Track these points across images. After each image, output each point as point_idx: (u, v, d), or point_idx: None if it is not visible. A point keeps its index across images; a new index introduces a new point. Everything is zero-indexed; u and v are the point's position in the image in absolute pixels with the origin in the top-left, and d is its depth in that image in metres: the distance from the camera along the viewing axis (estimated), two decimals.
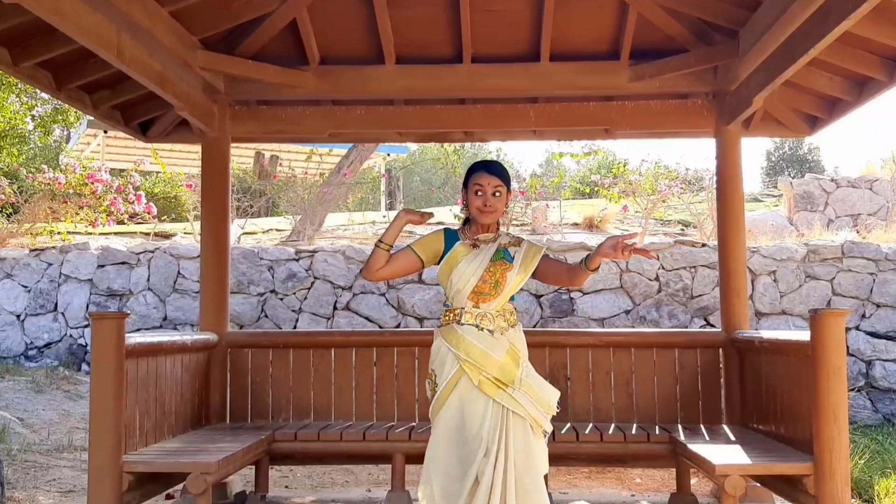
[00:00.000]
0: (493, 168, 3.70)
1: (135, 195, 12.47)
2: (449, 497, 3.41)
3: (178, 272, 9.18)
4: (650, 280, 8.85)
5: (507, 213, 3.85)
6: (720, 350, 5.60)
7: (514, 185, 14.17)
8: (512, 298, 3.71)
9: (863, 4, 3.61)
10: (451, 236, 3.72)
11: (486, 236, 3.71)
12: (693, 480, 5.50)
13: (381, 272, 3.68)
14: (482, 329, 3.58)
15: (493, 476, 3.36)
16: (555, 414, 3.60)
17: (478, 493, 3.35)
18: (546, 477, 3.61)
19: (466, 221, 3.80)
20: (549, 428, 3.59)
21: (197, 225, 11.07)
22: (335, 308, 8.95)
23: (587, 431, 5.16)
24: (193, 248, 9.22)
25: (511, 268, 3.64)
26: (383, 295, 8.95)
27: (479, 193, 3.65)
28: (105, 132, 16.71)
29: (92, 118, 7.45)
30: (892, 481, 5.73)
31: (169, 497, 5.37)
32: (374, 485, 6.16)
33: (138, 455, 4.27)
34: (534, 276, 3.72)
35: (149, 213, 12.72)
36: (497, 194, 3.65)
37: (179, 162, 17.36)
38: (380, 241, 3.64)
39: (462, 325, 3.59)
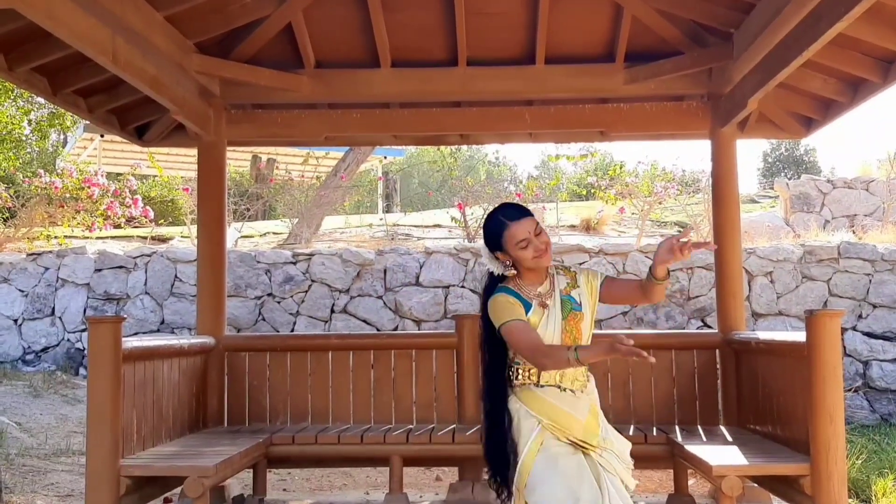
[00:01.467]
0: (522, 212, 3.24)
1: (131, 199, 12.47)
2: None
3: (175, 276, 9.18)
4: None
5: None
6: (717, 351, 5.60)
7: (511, 187, 14.21)
8: None
9: (856, 6, 3.63)
10: (521, 300, 3.21)
11: (543, 288, 3.25)
12: (690, 481, 5.50)
13: None
14: (564, 389, 3.19)
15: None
16: (632, 468, 3.27)
17: None
18: None
19: (495, 280, 3.31)
20: (633, 484, 3.25)
21: (194, 228, 11.07)
22: (332, 311, 8.96)
23: None
24: (190, 251, 9.22)
25: (582, 317, 3.25)
26: (380, 298, 8.96)
27: (526, 247, 3.17)
28: (101, 136, 16.70)
29: (88, 122, 7.46)
30: (889, 481, 5.74)
31: (167, 501, 5.37)
32: (371, 487, 6.16)
33: (136, 459, 4.27)
34: (601, 301, 3.32)
35: (146, 216, 12.71)
36: (539, 233, 3.19)
37: (176, 166, 17.35)
38: (578, 358, 2.99)
39: (542, 386, 3.19)
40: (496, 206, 3.40)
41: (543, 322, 3.19)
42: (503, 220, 3.21)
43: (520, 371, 3.24)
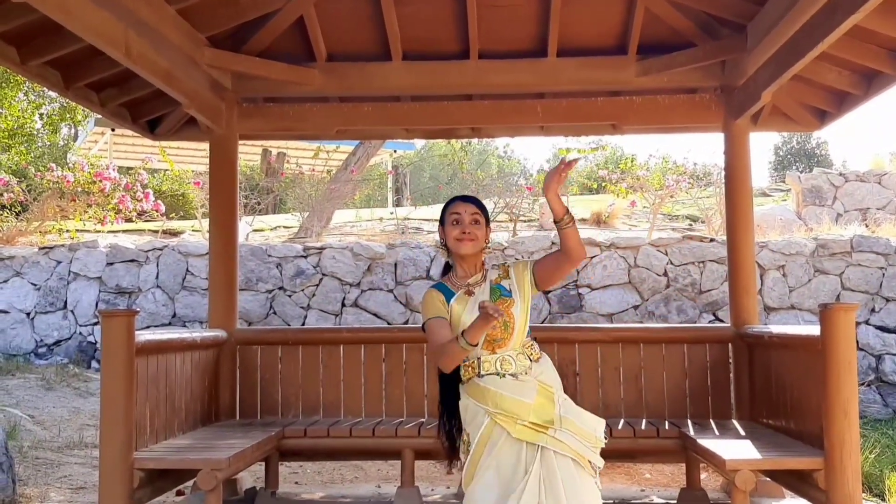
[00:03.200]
0: (470, 199, 3.51)
1: (143, 193, 12.49)
2: None
3: (187, 269, 9.21)
4: (658, 275, 8.84)
5: (488, 250, 3.51)
6: (729, 345, 5.58)
7: (521, 181, 14.19)
8: (527, 333, 3.41)
9: None
10: (445, 293, 3.41)
11: (475, 279, 3.43)
12: (703, 475, 5.49)
13: None
14: (504, 375, 3.29)
15: None
16: (603, 445, 3.28)
17: None
18: None
19: (448, 269, 3.55)
20: (600, 462, 3.27)
21: (205, 222, 11.10)
22: (343, 305, 8.97)
23: None
24: (202, 245, 9.25)
25: (512, 302, 3.35)
26: (391, 291, 8.97)
27: (457, 222, 3.41)
28: (112, 130, 16.75)
29: (99, 116, 7.48)
30: None
31: (179, 493, 5.40)
32: (383, 481, 6.17)
33: (149, 452, 4.28)
34: (540, 287, 3.43)
35: (157, 210, 12.74)
36: (476, 223, 3.41)
37: (187, 159, 17.39)
38: (467, 342, 3.16)
39: (482, 376, 3.30)
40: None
41: (469, 308, 3.34)
42: (454, 198, 3.55)
43: (461, 366, 3.37)
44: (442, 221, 3.51)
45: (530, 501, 3.08)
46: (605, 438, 3.31)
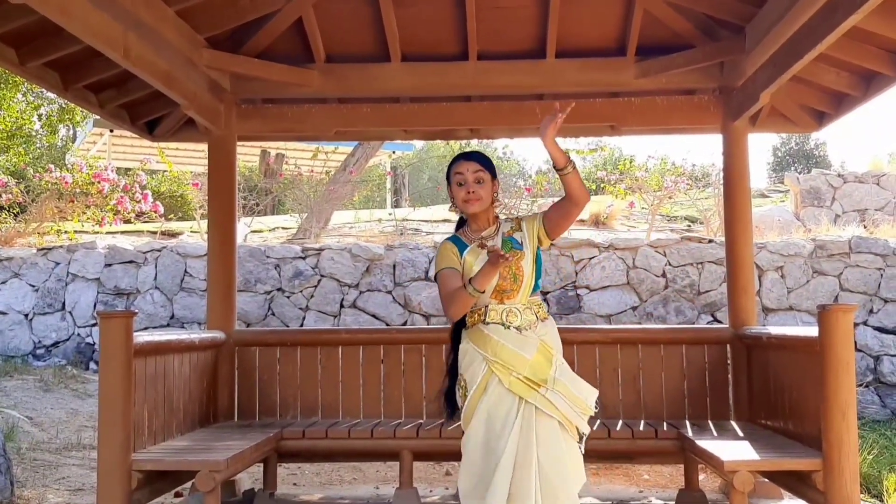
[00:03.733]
0: (472, 155, 3.55)
1: (141, 194, 12.49)
2: None
3: (185, 271, 9.20)
4: (657, 276, 8.84)
5: (498, 202, 3.57)
6: (728, 346, 5.59)
7: (520, 182, 14.19)
8: (537, 288, 3.48)
9: None
10: (459, 245, 3.50)
11: (488, 232, 3.51)
12: (701, 476, 5.49)
13: None
14: (509, 326, 3.37)
15: (515, 482, 3.17)
16: (592, 414, 3.36)
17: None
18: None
19: (462, 223, 3.63)
20: (586, 429, 3.36)
21: (204, 223, 11.10)
22: (342, 306, 8.96)
23: (595, 428, 5.14)
24: (200, 246, 9.24)
25: (523, 255, 3.41)
26: (390, 293, 8.96)
27: (461, 183, 3.47)
28: (111, 131, 16.74)
29: (98, 117, 7.48)
30: None
31: (178, 495, 5.39)
32: (382, 482, 6.17)
33: (147, 453, 4.28)
34: (551, 236, 3.47)
35: (155, 211, 12.73)
36: (480, 181, 3.46)
37: (186, 160, 17.38)
38: (474, 288, 3.28)
39: (487, 324, 3.39)
40: None
41: (480, 259, 3.41)
42: (457, 156, 3.57)
43: (470, 313, 3.46)
44: (448, 181, 3.55)
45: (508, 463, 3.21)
46: (596, 408, 3.39)
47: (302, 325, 8.88)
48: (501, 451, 3.22)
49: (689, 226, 14.69)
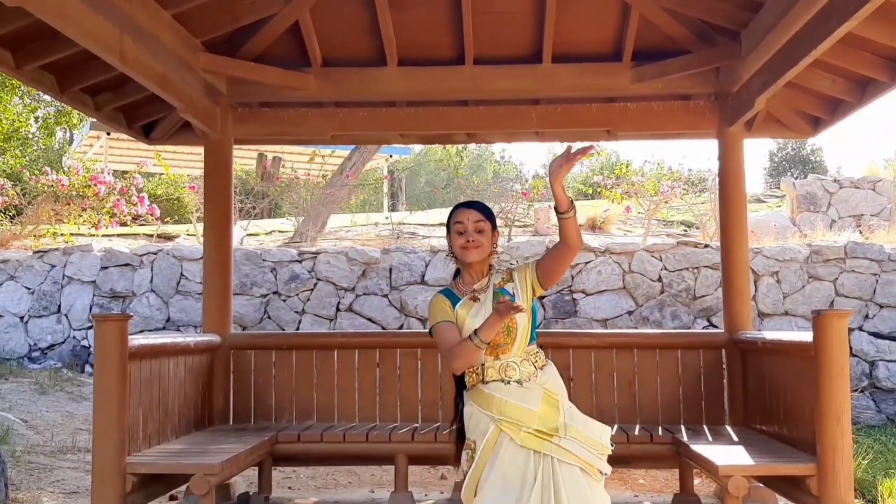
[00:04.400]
0: (473, 205, 3.50)
1: (138, 197, 12.48)
2: None
3: (181, 274, 9.20)
4: (653, 281, 8.85)
5: (496, 254, 3.50)
6: (723, 351, 5.59)
7: (516, 186, 14.21)
8: (532, 338, 3.40)
9: (865, 5, 3.61)
10: (451, 298, 3.42)
11: (480, 284, 3.42)
12: (696, 481, 5.49)
13: None
14: (508, 382, 3.28)
15: None
16: (609, 452, 3.29)
17: None
18: None
19: (457, 274, 3.55)
20: (607, 469, 3.27)
21: (200, 227, 11.09)
22: (338, 310, 8.96)
23: None
24: (196, 249, 9.23)
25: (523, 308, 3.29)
26: (386, 296, 8.96)
27: (461, 232, 3.40)
28: (108, 134, 16.73)
29: (95, 120, 7.48)
30: (895, 482, 5.73)
31: (172, 498, 5.38)
32: (377, 486, 6.16)
33: (142, 456, 4.27)
34: (544, 285, 3.41)
35: (152, 214, 12.73)
36: (480, 231, 3.40)
37: (182, 164, 17.38)
38: (481, 339, 3.20)
39: (487, 382, 3.30)
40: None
41: (473, 312, 3.35)
42: (458, 206, 3.53)
43: (466, 372, 3.38)
44: (448, 229, 3.51)
45: None
46: (612, 446, 3.30)
47: (298, 329, 8.87)
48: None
49: (686, 230, 14.71)
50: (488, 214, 3.48)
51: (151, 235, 13.00)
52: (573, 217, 3.26)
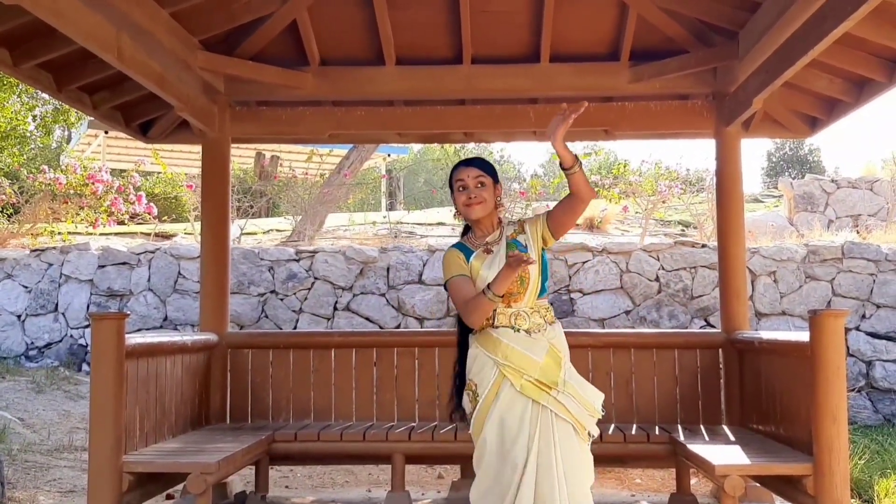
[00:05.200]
0: (472, 161, 3.56)
1: (135, 195, 12.47)
2: None
3: (179, 272, 9.19)
4: (650, 280, 8.85)
5: (501, 206, 3.58)
6: (720, 351, 5.60)
7: (514, 185, 14.22)
8: (543, 291, 3.48)
9: (862, 6, 3.62)
10: (465, 252, 3.49)
11: (492, 237, 3.52)
12: (693, 481, 5.50)
13: None
14: (518, 330, 3.38)
15: (538, 486, 3.19)
16: (600, 417, 3.40)
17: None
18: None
19: (466, 231, 3.63)
20: (596, 431, 3.39)
21: (197, 225, 11.08)
22: (335, 308, 8.96)
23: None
24: (194, 248, 9.23)
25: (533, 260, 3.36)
26: (383, 296, 8.96)
27: (462, 188, 3.48)
28: (105, 132, 16.73)
29: (92, 119, 7.48)
30: (891, 481, 5.73)
31: (169, 497, 5.38)
32: (373, 485, 6.16)
33: (138, 455, 4.27)
34: (555, 235, 3.47)
35: (149, 213, 12.72)
36: (481, 185, 3.47)
37: (180, 162, 17.36)
38: (494, 293, 3.26)
39: (497, 327, 3.39)
40: None
41: (486, 264, 3.44)
42: (458, 164, 3.58)
43: None
44: (451, 188, 3.58)
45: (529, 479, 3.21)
46: (602, 411, 3.41)
47: (295, 328, 8.87)
48: (519, 456, 3.25)
49: (683, 230, 14.72)
50: (488, 169, 3.54)
51: (149, 234, 13.00)
52: (580, 171, 3.34)
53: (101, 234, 12.40)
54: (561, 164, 3.36)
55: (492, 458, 3.31)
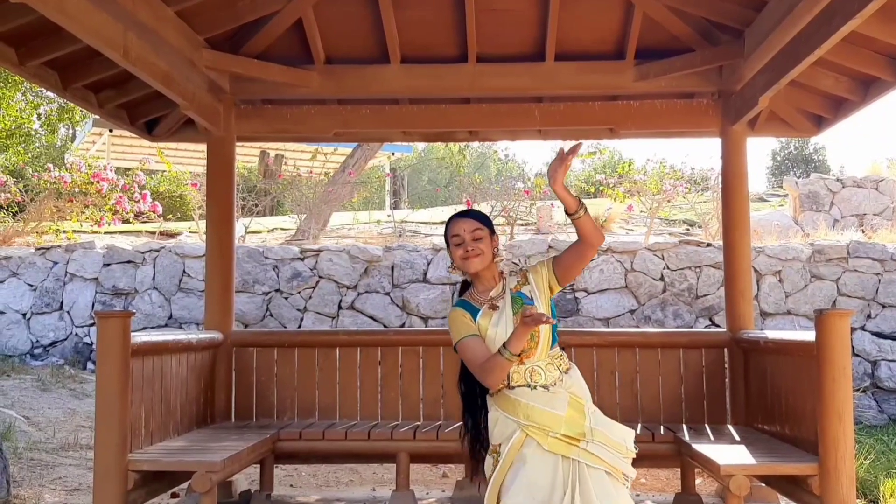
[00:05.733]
0: (467, 213, 3.46)
1: (140, 194, 12.49)
2: None
3: (184, 271, 9.20)
4: (655, 280, 8.84)
5: (500, 258, 3.42)
6: (725, 350, 5.59)
7: (519, 184, 14.21)
8: (555, 341, 3.36)
9: (869, 4, 3.60)
10: (470, 310, 3.36)
11: (495, 291, 3.38)
12: (698, 480, 5.49)
13: None
14: (535, 387, 3.25)
15: None
16: (633, 456, 3.25)
17: None
18: None
19: (466, 286, 3.49)
20: (632, 473, 3.25)
21: (202, 224, 11.10)
22: (340, 307, 8.96)
23: None
24: (198, 246, 9.24)
25: (535, 310, 3.23)
26: (388, 294, 8.96)
27: (458, 244, 3.34)
28: (110, 131, 16.72)
29: (97, 117, 7.49)
30: None
31: (174, 496, 5.39)
32: (378, 484, 6.17)
33: (143, 454, 4.27)
34: (562, 282, 3.37)
35: (154, 211, 12.73)
36: (478, 239, 3.34)
37: (185, 161, 17.37)
38: (511, 353, 3.15)
39: (513, 388, 3.26)
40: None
41: (494, 321, 3.31)
42: (451, 217, 3.46)
43: None
44: (447, 243, 3.44)
45: None
46: (636, 448, 3.27)
47: (300, 327, 8.88)
48: None
49: (688, 229, 14.70)
50: (484, 220, 3.42)
51: (154, 232, 13.01)
52: (585, 215, 3.22)
53: (105, 233, 12.42)
54: (566, 210, 3.23)
55: None
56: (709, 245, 9.04)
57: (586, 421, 3.20)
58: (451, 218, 3.47)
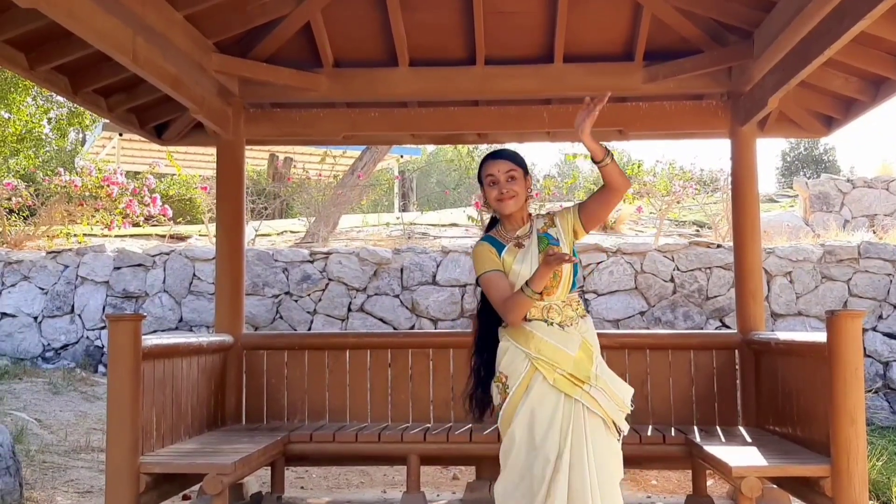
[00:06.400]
0: (502, 154, 3.53)
1: (150, 197, 12.53)
2: None
3: (194, 274, 9.23)
4: (665, 281, 8.83)
5: (531, 198, 3.56)
6: (736, 351, 5.57)
7: None
8: (574, 285, 3.45)
9: (878, 4, 3.59)
10: (496, 246, 3.46)
11: (523, 230, 3.49)
12: (709, 482, 5.47)
13: None
14: (551, 323, 3.35)
15: (571, 481, 3.18)
16: (629, 412, 3.39)
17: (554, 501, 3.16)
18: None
19: (494, 223, 3.60)
20: (626, 428, 3.40)
21: (212, 227, 11.12)
22: (349, 310, 8.97)
23: None
24: (209, 250, 9.26)
25: (559, 250, 3.38)
26: (397, 297, 8.97)
27: (493, 184, 3.45)
28: (120, 135, 16.79)
29: (107, 121, 7.52)
30: None
31: (186, 498, 5.40)
32: (389, 486, 6.17)
33: (155, 456, 4.29)
34: (587, 227, 3.48)
35: (164, 215, 12.77)
36: (512, 179, 3.44)
37: (194, 164, 17.43)
38: (532, 290, 3.26)
39: (529, 321, 3.36)
40: None
41: (518, 259, 3.42)
42: (487, 157, 3.55)
43: None
44: (480, 182, 3.54)
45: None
46: (632, 406, 3.40)
47: (310, 329, 8.89)
48: (552, 450, 3.23)
49: (698, 230, 14.66)
50: (519, 161, 3.52)
51: (164, 236, 13.04)
52: (612, 163, 3.32)
53: (116, 236, 12.46)
54: (592, 158, 3.34)
55: (520, 452, 3.30)
56: (719, 246, 9.02)
57: (593, 367, 3.33)
58: (486, 158, 3.55)
